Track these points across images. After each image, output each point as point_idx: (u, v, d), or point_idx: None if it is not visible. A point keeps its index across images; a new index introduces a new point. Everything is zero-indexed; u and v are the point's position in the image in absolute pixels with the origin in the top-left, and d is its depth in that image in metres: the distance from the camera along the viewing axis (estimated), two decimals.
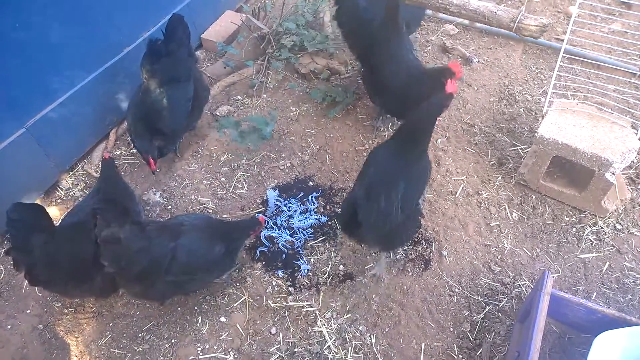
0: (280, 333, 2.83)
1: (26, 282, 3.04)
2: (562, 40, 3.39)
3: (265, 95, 4.13)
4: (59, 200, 3.50)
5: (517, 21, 2.79)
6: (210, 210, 3.38)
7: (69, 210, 2.87)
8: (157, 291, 2.69)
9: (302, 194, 3.47)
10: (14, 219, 2.46)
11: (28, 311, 2.97)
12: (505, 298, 2.94)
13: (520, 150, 3.63)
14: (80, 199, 3.48)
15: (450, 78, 2.82)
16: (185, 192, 3.51)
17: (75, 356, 2.82)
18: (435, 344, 2.79)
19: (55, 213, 3.41)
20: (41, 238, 2.51)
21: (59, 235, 2.61)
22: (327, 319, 2.88)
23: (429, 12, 4.46)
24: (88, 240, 2.52)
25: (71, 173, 3.64)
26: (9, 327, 2.90)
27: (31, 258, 2.50)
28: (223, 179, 3.58)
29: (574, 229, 3.21)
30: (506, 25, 2.83)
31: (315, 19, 4.43)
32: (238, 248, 2.94)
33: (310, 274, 3.06)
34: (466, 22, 4.58)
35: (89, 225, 2.50)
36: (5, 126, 3.08)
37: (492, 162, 3.60)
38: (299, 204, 3.41)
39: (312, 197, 3.43)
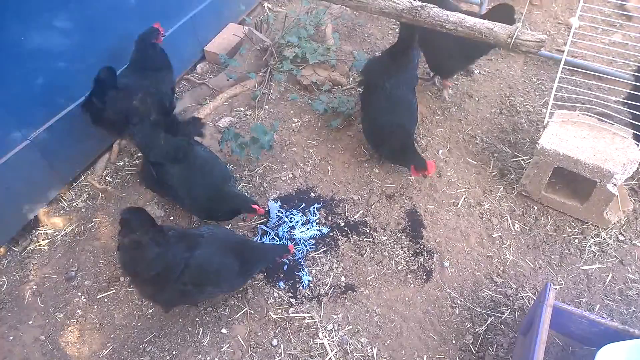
0: (282, 345, 2.82)
1: (28, 293, 3.08)
2: (563, 51, 3.41)
3: (267, 107, 4.16)
4: (62, 212, 3.51)
5: (514, 37, 2.79)
6: (211, 222, 3.39)
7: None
8: (165, 297, 2.72)
9: (303, 205, 3.48)
10: (99, 80, 3.22)
11: (30, 322, 2.97)
12: (507, 310, 2.92)
13: (522, 161, 3.63)
14: (84, 210, 3.51)
15: None
16: None
17: None
18: (437, 356, 2.77)
19: (59, 224, 3.44)
20: (113, 93, 3.27)
21: (120, 92, 3.32)
22: (328, 330, 2.87)
23: None
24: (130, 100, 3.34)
25: (74, 184, 3.66)
26: (11, 338, 2.90)
27: (105, 106, 3.25)
28: None
29: (576, 241, 3.20)
30: (504, 42, 2.84)
31: (317, 31, 4.48)
32: (255, 270, 2.93)
33: (311, 285, 3.06)
34: None
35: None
36: (10, 138, 3.11)
37: (494, 173, 3.60)
38: (300, 215, 3.42)
39: (313, 208, 3.44)
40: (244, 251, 2.80)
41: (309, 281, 3.07)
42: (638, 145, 3.02)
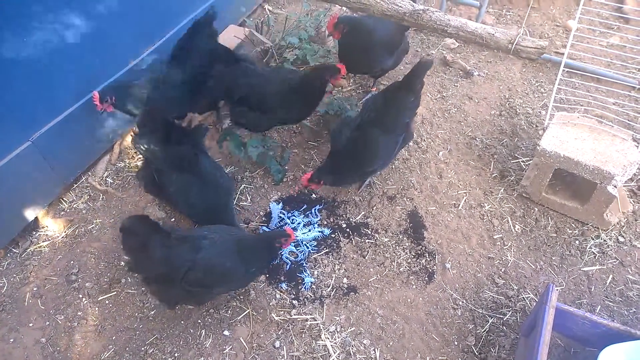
0: (284, 347, 2.82)
1: (28, 295, 3.07)
2: (562, 54, 3.43)
3: None
4: (62, 213, 3.50)
5: (514, 43, 2.81)
6: None
7: None
8: (170, 296, 2.75)
9: (305, 206, 3.48)
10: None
11: (31, 324, 2.96)
12: (509, 311, 2.93)
13: (522, 163, 3.65)
14: (84, 211, 3.50)
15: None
16: None
17: None
18: (440, 357, 2.77)
19: (59, 226, 3.42)
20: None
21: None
22: (331, 332, 2.87)
23: None
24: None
25: (75, 186, 3.65)
26: (12, 340, 2.89)
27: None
28: None
29: (577, 242, 3.22)
30: (504, 47, 2.85)
31: (317, 33, 4.48)
32: (263, 266, 2.94)
33: (313, 286, 3.06)
34: None
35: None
36: (11, 139, 3.09)
37: (494, 175, 3.62)
38: (302, 216, 3.42)
39: (315, 209, 3.44)
40: (245, 248, 2.77)
41: (311, 282, 3.07)
42: (638, 146, 3.04)
